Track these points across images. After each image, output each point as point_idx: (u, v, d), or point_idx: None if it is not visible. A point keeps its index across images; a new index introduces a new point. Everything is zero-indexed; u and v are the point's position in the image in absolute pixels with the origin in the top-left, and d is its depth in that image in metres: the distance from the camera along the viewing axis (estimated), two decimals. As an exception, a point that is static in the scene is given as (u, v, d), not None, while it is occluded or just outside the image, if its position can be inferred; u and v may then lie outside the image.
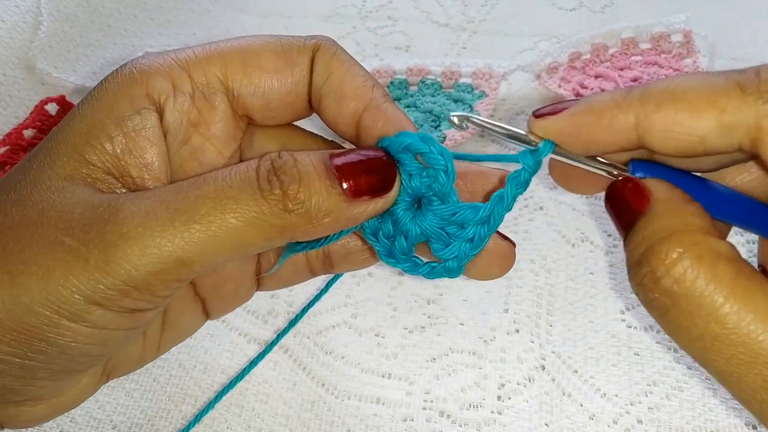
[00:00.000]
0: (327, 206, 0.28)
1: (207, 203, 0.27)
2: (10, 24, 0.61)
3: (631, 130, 0.27)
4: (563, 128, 0.29)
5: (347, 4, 0.77)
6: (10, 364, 0.28)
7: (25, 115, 0.58)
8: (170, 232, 0.26)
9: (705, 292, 0.24)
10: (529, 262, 0.49)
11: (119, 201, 0.27)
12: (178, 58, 0.32)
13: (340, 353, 0.45)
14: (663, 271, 0.25)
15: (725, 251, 0.25)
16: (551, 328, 0.46)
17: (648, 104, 0.26)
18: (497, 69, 0.60)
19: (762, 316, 0.23)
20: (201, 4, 0.77)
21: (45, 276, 0.26)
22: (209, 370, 0.45)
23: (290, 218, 0.27)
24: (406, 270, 0.32)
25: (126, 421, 0.43)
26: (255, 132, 0.34)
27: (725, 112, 0.25)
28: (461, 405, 0.43)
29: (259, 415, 0.43)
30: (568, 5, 0.74)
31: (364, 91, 0.32)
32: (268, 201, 0.27)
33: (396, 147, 0.30)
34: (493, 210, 0.30)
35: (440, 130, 0.56)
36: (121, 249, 0.26)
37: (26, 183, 0.29)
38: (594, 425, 0.41)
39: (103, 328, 0.28)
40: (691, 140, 0.26)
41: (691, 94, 0.26)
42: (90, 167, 0.29)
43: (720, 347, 0.24)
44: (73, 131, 0.30)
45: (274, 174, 0.27)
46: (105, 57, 0.68)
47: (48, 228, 0.27)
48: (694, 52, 0.61)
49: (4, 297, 0.26)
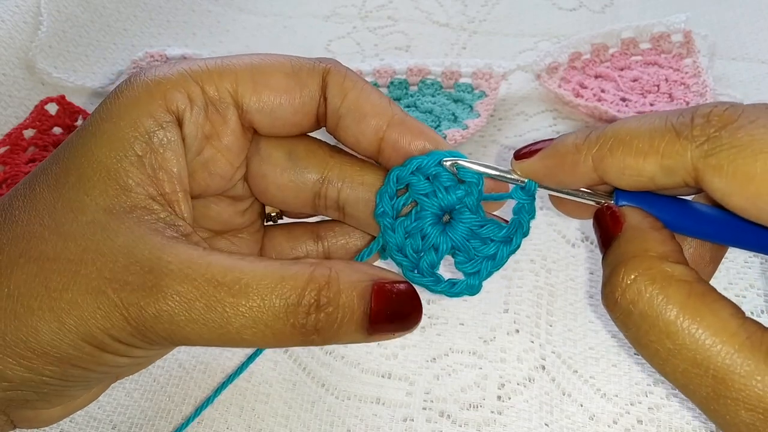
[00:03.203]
0: (347, 340, 0.30)
1: (243, 313, 0.28)
2: (10, 24, 0.61)
3: (591, 172, 0.30)
4: (537, 170, 0.32)
5: (347, 4, 0.77)
6: (50, 384, 0.29)
7: (25, 115, 0.58)
8: (201, 327, 0.28)
9: (657, 312, 0.26)
10: (529, 262, 0.49)
11: (161, 269, 0.28)
12: (191, 71, 0.32)
13: (340, 353, 0.45)
14: (620, 292, 0.27)
15: (678, 274, 0.27)
16: (551, 328, 0.46)
17: (602, 149, 0.29)
18: (497, 69, 0.60)
19: (710, 332, 0.25)
20: (201, 4, 0.77)
21: (88, 320, 0.28)
22: (209, 370, 0.45)
23: (309, 343, 0.29)
24: (428, 286, 0.34)
25: (126, 421, 0.43)
26: (261, 139, 0.35)
27: (665, 157, 0.27)
28: (461, 405, 0.43)
29: (259, 415, 0.43)
30: (568, 5, 0.74)
31: (383, 108, 0.33)
32: (300, 332, 0.29)
33: (431, 163, 0.32)
34: (516, 232, 0.32)
35: (440, 130, 0.56)
36: (156, 323, 0.28)
37: (63, 209, 0.29)
38: (594, 425, 0.41)
39: (138, 357, 0.31)
40: (641, 180, 0.28)
41: (636, 139, 0.28)
42: (128, 194, 0.30)
43: (674, 362, 0.26)
44: (102, 152, 0.30)
45: (316, 308, 0.28)
46: (105, 57, 0.68)
47: (92, 271, 0.28)
48: (694, 52, 0.61)
49: (48, 332, 0.28)
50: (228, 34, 0.74)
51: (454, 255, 0.33)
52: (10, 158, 0.54)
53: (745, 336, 0.25)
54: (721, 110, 0.26)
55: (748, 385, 0.24)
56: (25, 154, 0.55)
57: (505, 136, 0.59)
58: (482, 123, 0.57)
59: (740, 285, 0.45)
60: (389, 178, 0.33)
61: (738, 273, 0.46)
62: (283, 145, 0.35)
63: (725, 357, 0.25)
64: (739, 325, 0.25)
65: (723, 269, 0.46)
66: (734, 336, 0.25)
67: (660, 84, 0.60)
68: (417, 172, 0.32)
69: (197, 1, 0.77)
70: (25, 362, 0.28)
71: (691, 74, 0.60)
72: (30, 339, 0.28)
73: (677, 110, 0.28)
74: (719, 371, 0.25)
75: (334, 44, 0.72)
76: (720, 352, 0.25)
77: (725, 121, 0.26)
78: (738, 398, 0.25)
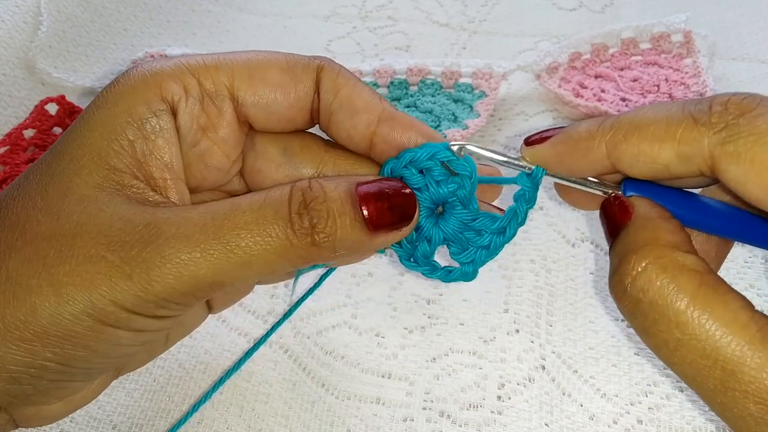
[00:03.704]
0: (351, 240, 0.30)
1: (242, 235, 0.28)
2: (10, 24, 0.61)
3: (604, 159, 0.29)
4: (547, 156, 0.31)
5: (347, 4, 0.77)
6: (50, 370, 0.29)
7: (25, 115, 0.58)
8: (207, 259, 0.28)
9: (667, 301, 0.26)
10: (529, 262, 0.49)
11: (157, 220, 0.29)
12: (188, 64, 0.32)
13: (341, 353, 0.45)
14: (630, 280, 0.27)
15: (690, 263, 0.27)
16: (551, 328, 0.46)
17: (617, 135, 0.29)
18: (497, 69, 0.60)
19: (721, 323, 0.25)
20: (201, 5, 0.77)
21: (89, 288, 0.28)
22: (209, 370, 0.45)
23: (316, 250, 0.29)
24: (424, 273, 0.34)
25: (126, 421, 0.43)
26: (256, 135, 0.35)
27: (681, 143, 0.27)
28: (461, 405, 0.43)
29: (259, 415, 0.43)
30: (568, 5, 0.74)
31: (375, 104, 0.33)
32: (297, 235, 0.29)
33: (423, 156, 0.32)
34: (510, 223, 0.32)
35: (440, 129, 0.56)
36: (162, 270, 0.28)
37: (54, 191, 0.30)
38: (594, 425, 0.41)
39: (142, 332, 0.30)
40: (656, 167, 0.28)
41: (653, 125, 0.28)
42: (118, 173, 0.30)
43: (683, 352, 0.26)
44: (93, 136, 0.30)
45: (305, 207, 0.29)
46: (105, 57, 0.68)
47: (88, 241, 0.28)
48: (694, 52, 0.61)
49: (48, 307, 0.28)
50: (228, 34, 0.74)
51: (448, 245, 0.34)
52: (10, 158, 0.54)
53: (755, 329, 0.25)
54: (739, 99, 0.27)
55: (757, 378, 0.24)
56: (25, 154, 0.55)
57: (505, 136, 0.59)
58: (482, 123, 0.57)
59: (740, 285, 0.45)
60: (383, 171, 0.33)
61: (738, 273, 0.46)
62: (278, 141, 0.35)
63: (735, 349, 0.25)
64: (749, 317, 0.25)
65: (723, 269, 0.46)
66: (745, 328, 0.25)
67: (660, 84, 0.60)
68: (410, 165, 0.32)
69: (197, 1, 0.77)
70: (25, 344, 0.28)
71: (691, 74, 0.60)
72: (29, 318, 0.27)
73: (695, 99, 0.28)
74: (728, 363, 0.25)
75: (334, 44, 0.72)
76: (730, 344, 0.25)
77: (744, 109, 0.26)
78: (747, 390, 0.24)
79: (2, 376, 0.28)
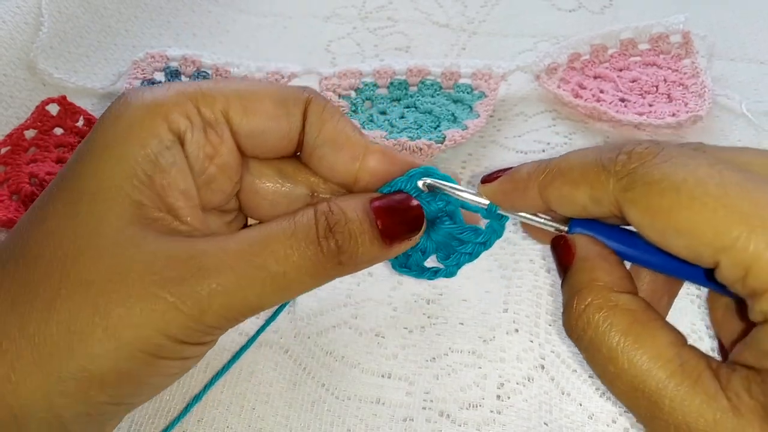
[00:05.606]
0: (371, 255, 0.33)
1: (280, 262, 0.30)
2: (11, 24, 0.61)
3: (537, 198, 0.32)
4: (495, 194, 0.34)
5: (347, 4, 0.77)
6: (103, 411, 0.30)
7: (26, 115, 0.59)
8: (252, 287, 0.30)
9: (602, 338, 0.28)
10: (528, 262, 0.49)
11: (198, 253, 0.30)
12: (187, 92, 0.33)
13: (341, 353, 0.45)
14: (573, 321, 0.29)
15: (623, 303, 0.29)
16: (551, 327, 0.46)
17: (546, 178, 0.31)
18: (497, 70, 0.60)
19: (647, 357, 0.27)
20: (201, 5, 0.77)
21: (143, 327, 0.28)
22: (210, 370, 0.45)
23: (342, 268, 0.32)
24: (414, 276, 0.38)
25: (126, 420, 0.43)
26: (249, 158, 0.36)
27: (593, 188, 0.29)
28: (461, 405, 0.43)
29: (260, 415, 0.43)
30: (567, 6, 0.75)
31: (358, 139, 0.35)
32: (327, 257, 0.31)
33: (408, 184, 0.35)
34: (490, 238, 0.37)
35: (440, 130, 0.57)
36: (211, 301, 0.29)
37: (85, 234, 0.30)
38: (593, 424, 0.41)
39: (189, 359, 0.32)
40: (576, 208, 0.31)
41: (573, 170, 0.30)
42: (143, 208, 0.31)
43: (618, 383, 0.28)
44: (112, 174, 0.31)
45: (330, 231, 0.31)
46: (106, 58, 0.68)
47: (137, 281, 0.29)
48: (693, 53, 0.61)
49: (105, 353, 0.28)
50: (228, 34, 0.74)
51: (436, 252, 0.38)
52: (11, 159, 0.54)
53: (678, 363, 0.27)
54: (642, 148, 0.28)
55: (677, 409, 0.26)
56: (26, 154, 0.55)
57: (505, 136, 0.59)
58: (482, 123, 0.57)
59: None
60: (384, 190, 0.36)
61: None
62: (272, 163, 0.37)
63: (658, 382, 0.27)
64: (675, 353, 0.27)
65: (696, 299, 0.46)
66: (669, 362, 0.27)
67: (659, 84, 0.60)
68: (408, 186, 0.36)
69: (198, 2, 0.77)
70: (81, 393, 0.28)
71: (690, 75, 0.60)
72: (87, 367, 0.28)
73: (611, 145, 0.30)
74: (653, 395, 0.27)
75: (334, 45, 0.73)
76: (654, 377, 0.27)
77: (644, 158, 0.28)
78: (668, 420, 0.26)
79: (54, 423, 0.28)
